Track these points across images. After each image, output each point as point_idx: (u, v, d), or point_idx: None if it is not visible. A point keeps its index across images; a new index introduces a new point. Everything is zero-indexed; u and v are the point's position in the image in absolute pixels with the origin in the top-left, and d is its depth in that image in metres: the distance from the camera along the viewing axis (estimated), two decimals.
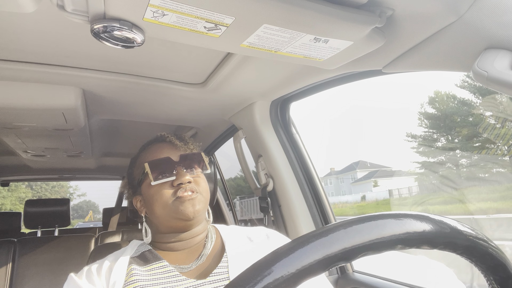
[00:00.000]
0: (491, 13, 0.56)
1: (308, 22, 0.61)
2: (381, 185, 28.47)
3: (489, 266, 0.36)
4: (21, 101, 1.11)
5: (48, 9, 0.72)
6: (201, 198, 0.81)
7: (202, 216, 0.82)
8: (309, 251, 0.30)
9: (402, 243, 0.32)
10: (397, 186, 22.91)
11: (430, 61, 0.72)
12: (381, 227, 0.32)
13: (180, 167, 0.82)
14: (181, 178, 0.79)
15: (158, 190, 0.80)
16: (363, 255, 0.31)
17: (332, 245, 0.30)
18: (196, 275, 0.77)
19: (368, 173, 31.30)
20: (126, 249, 0.85)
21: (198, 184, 0.82)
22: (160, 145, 0.87)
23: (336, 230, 0.32)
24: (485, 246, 0.35)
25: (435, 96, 18.97)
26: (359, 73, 1.01)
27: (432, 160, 18.35)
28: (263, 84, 1.19)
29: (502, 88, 0.55)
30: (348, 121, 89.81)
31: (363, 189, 29.57)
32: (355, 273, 1.32)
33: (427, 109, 18.80)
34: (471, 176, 6.82)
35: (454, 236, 0.34)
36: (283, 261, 0.30)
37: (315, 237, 0.31)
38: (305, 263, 0.30)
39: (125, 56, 0.99)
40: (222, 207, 2.65)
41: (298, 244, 0.31)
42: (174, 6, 0.56)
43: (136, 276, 0.74)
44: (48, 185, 34.57)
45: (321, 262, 0.30)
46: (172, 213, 0.79)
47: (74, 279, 0.75)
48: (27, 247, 1.85)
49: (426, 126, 18.90)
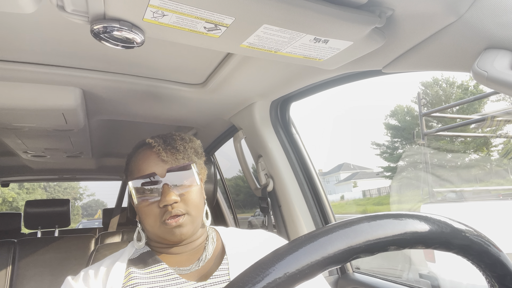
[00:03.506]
0: (491, 13, 0.56)
1: (308, 22, 0.61)
2: (359, 186, 30.31)
3: (486, 264, 0.35)
4: (21, 102, 1.11)
5: (48, 10, 0.72)
6: (188, 220, 0.76)
7: (193, 232, 0.80)
8: (308, 251, 0.30)
9: (395, 244, 0.32)
10: (372, 187, 25.76)
11: (430, 61, 0.72)
12: (376, 228, 0.32)
13: (166, 185, 0.75)
14: (165, 198, 0.73)
15: (144, 210, 0.76)
16: (356, 256, 0.31)
17: (328, 247, 0.30)
18: (196, 277, 0.76)
19: (350, 175, 32.47)
20: (124, 250, 0.84)
21: (186, 203, 0.76)
22: (149, 154, 0.79)
23: (336, 230, 0.32)
24: (482, 244, 0.35)
25: (397, 108, 23.96)
26: (359, 73, 1.01)
27: (393, 165, 22.83)
28: (263, 84, 1.19)
29: (502, 88, 0.55)
30: (337, 124, 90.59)
31: (344, 190, 31.19)
32: (355, 273, 1.32)
33: (390, 120, 23.70)
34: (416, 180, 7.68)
35: (451, 235, 0.34)
36: (283, 261, 0.30)
37: (311, 238, 0.31)
38: (303, 264, 0.30)
39: (125, 57, 0.99)
40: (222, 207, 2.65)
41: (297, 245, 0.31)
42: (174, 7, 0.56)
43: (136, 279, 0.73)
44: (61, 187, 36.20)
45: (319, 263, 0.30)
46: (160, 233, 0.77)
47: (70, 283, 0.74)
48: (27, 247, 1.85)
49: (389, 135, 22.49)
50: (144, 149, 0.82)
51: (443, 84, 22.50)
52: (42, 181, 4.02)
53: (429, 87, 22.53)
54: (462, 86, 21.70)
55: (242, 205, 18.52)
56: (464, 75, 26.90)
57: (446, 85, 22.78)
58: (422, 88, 22.93)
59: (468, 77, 25.68)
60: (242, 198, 18.16)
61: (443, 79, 22.60)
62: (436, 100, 21.86)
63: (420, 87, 23.35)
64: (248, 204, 18.13)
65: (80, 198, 41.66)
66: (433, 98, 21.90)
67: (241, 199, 18.29)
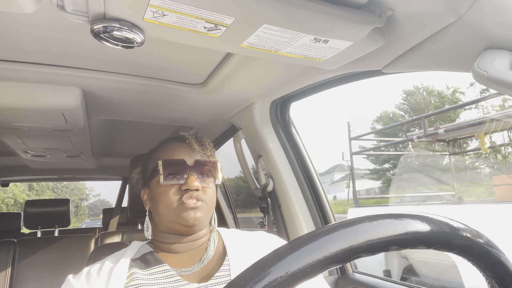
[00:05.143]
0: (491, 13, 0.56)
1: (308, 22, 0.61)
2: (351, 186, 30.81)
3: (487, 264, 0.35)
4: (21, 101, 1.11)
5: (48, 9, 0.72)
6: (205, 207, 0.80)
7: (204, 223, 0.82)
8: (306, 252, 0.30)
9: (397, 244, 0.32)
10: (362, 187, 26.30)
11: (430, 61, 0.72)
12: (378, 227, 0.32)
13: (192, 172, 0.81)
14: (189, 183, 0.78)
15: (165, 190, 0.80)
16: (357, 256, 0.31)
17: (329, 246, 0.30)
18: (197, 278, 0.76)
19: (344, 175, 33.11)
20: (126, 250, 0.84)
21: (205, 193, 0.82)
22: (179, 145, 0.86)
23: (338, 229, 0.32)
24: (482, 244, 0.35)
25: (383, 114, 27.36)
26: (359, 73, 1.01)
27: (378, 168, 25.28)
28: (263, 84, 1.19)
29: (502, 88, 0.55)
30: (334, 124, 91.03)
31: (337, 190, 31.95)
32: (355, 273, 1.32)
33: (376, 126, 26.86)
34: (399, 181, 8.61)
35: (452, 236, 0.34)
36: (282, 262, 0.30)
37: (308, 240, 0.31)
38: (304, 263, 0.30)
39: (125, 56, 0.99)
40: (222, 208, 2.65)
41: (297, 245, 0.31)
42: (174, 6, 0.56)
43: (138, 280, 0.73)
44: (68, 188, 38.42)
45: (318, 263, 0.30)
46: (173, 216, 0.79)
47: (71, 282, 0.74)
48: (27, 247, 1.85)
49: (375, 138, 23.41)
50: (174, 141, 0.88)
51: (424, 93, 26.46)
52: (42, 181, 4.03)
53: (409, 94, 26.72)
54: (439, 95, 25.88)
55: (242, 205, 18.58)
56: (441, 84, 31.45)
57: (425, 93, 26.34)
58: (404, 95, 26.92)
59: (444, 86, 29.53)
60: (243, 198, 18.23)
61: (423, 87, 26.49)
62: (416, 107, 25.63)
63: (402, 94, 27.21)
64: (248, 204, 18.20)
65: (86, 199, 42.43)
66: (414, 104, 25.98)
67: (241, 199, 18.36)
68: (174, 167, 0.81)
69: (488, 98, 7.09)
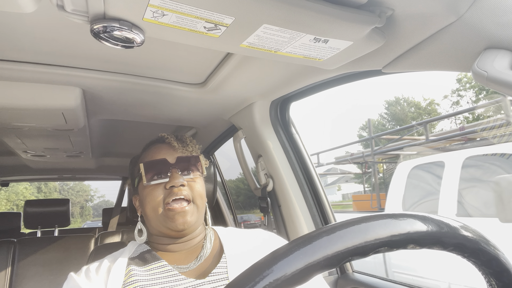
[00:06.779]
0: (491, 13, 0.56)
1: (308, 22, 0.61)
2: (342, 189, 32.68)
3: (482, 261, 0.35)
4: (20, 101, 1.11)
5: (48, 9, 0.71)
6: (193, 210, 0.80)
7: (196, 224, 0.82)
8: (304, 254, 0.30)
9: (387, 245, 0.32)
10: (350, 191, 28.33)
11: (430, 61, 0.72)
12: (368, 229, 0.32)
13: (175, 170, 0.81)
14: (173, 180, 0.78)
15: (151, 191, 0.80)
16: (349, 259, 0.31)
17: (318, 251, 0.30)
18: (195, 275, 0.77)
19: (337, 179, 33.39)
20: (124, 250, 0.85)
21: (192, 189, 0.81)
22: (159, 146, 0.87)
23: (335, 231, 0.32)
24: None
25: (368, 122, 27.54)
26: (359, 73, 1.01)
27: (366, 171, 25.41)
28: (263, 84, 1.19)
29: (501, 88, 0.55)
30: (330, 125, 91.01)
31: (329, 193, 32.47)
32: (355, 273, 1.32)
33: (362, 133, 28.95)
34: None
35: (445, 234, 0.34)
36: (282, 262, 0.30)
37: (302, 244, 0.31)
38: (302, 265, 0.29)
39: (125, 56, 0.99)
40: (222, 207, 2.65)
41: (296, 246, 0.31)
42: (174, 6, 0.56)
43: (136, 276, 0.74)
44: (74, 190, 39.73)
45: (318, 264, 0.30)
46: (162, 221, 0.79)
47: (73, 278, 0.75)
48: (27, 247, 1.85)
49: (361, 145, 25.21)
50: (156, 142, 0.89)
51: (404, 103, 29.23)
52: (42, 180, 4.02)
53: (390, 105, 29.59)
54: (417, 106, 28.45)
55: (242, 206, 18.62)
56: (420, 96, 33.87)
57: (405, 103, 28.89)
58: (386, 105, 29.75)
59: (422, 98, 31.98)
60: (242, 199, 18.28)
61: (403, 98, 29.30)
62: (394, 117, 28.66)
63: (384, 104, 30.17)
64: (247, 205, 18.24)
65: (91, 200, 42.71)
66: (392, 115, 28.77)
67: (241, 200, 18.41)
68: (156, 167, 0.81)
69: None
